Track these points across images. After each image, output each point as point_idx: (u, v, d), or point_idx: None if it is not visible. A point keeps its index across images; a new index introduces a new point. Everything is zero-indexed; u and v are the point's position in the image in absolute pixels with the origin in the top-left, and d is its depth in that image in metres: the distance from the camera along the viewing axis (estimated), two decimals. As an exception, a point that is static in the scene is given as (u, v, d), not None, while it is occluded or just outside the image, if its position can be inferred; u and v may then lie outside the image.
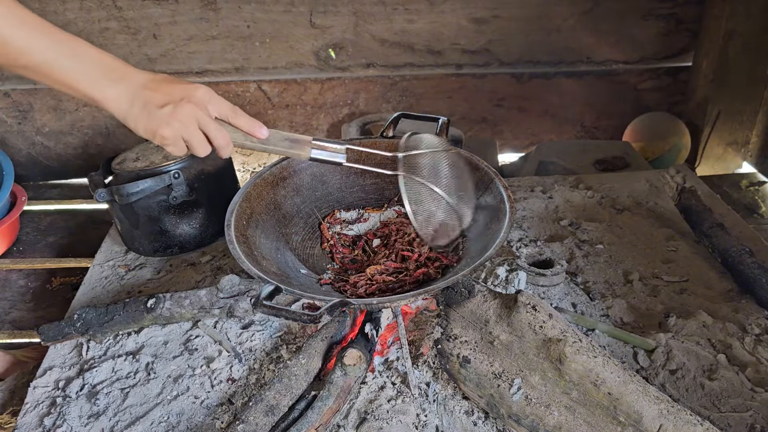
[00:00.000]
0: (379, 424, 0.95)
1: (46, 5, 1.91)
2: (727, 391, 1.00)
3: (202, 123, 0.90)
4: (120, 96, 0.86)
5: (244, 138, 0.95)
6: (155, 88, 0.87)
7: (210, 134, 0.91)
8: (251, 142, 0.96)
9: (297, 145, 0.99)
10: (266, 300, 0.91)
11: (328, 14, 1.99)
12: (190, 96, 0.88)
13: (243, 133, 0.95)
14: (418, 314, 1.16)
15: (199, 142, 0.91)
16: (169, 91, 0.88)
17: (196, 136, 0.90)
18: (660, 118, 2.17)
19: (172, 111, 0.87)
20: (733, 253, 1.25)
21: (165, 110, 0.87)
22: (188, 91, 0.89)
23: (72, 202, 2.00)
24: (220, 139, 0.92)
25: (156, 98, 0.87)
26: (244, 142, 0.95)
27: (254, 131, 0.95)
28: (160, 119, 0.87)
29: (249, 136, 0.95)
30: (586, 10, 2.00)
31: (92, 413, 1.03)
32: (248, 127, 0.95)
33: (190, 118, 0.88)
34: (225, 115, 0.93)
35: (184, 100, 0.88)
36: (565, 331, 0.92)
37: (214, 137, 0.91)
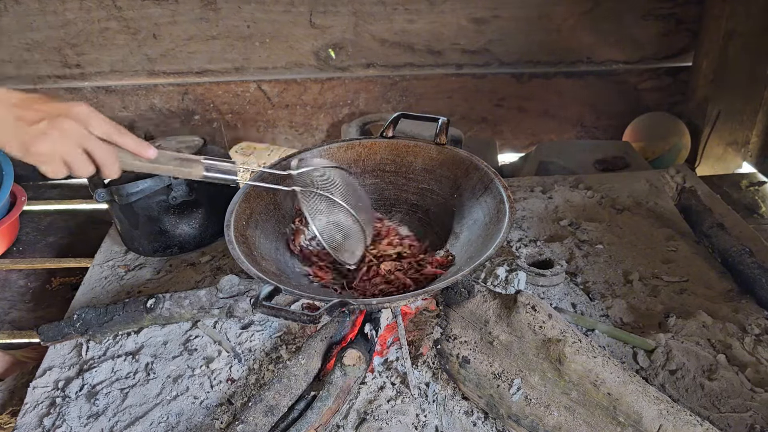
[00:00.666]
0: (378, 425, 0.95)
1: (46, 5, 1.91)
2: (726, 391, 1.00)
3: (83, 140, 0.84)
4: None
5: (131, 158, 0.91)
6: (28, 107, 0.82)
7: (93, 152, 0.85)
8: (140, 162, 0.92)
9: (187, 164, 0.97)
10: (266, 300, 0.91)
11: (328, 14, 1.99)
12: (68, 113, 0.82)
13: (130, 153, 0.91)
14: (417, 314, 1.16)
15: (80, 161, 0.84)
16: (44, 109, 0.82)
17: (76, 153, 0.84)
18: (660, 118, 2.17)
19: (49, 125, 0.81)
20: (733, 253, 1.25)
21: (40, 126, 0.81)
22: (66, 108, 0.83)
23: (72, 202, 2.00)
24: (104, 157, 0.86)
25: (29, 115, 0.81)
26: (132, 162, 0.92)
27: (141, 152, 0.91)
28: (35, 134, 0.81)
29: (136, 156, 0.91)
30: (586, 10, 2.00)
31: (92, 413, 1.03)
32: (135, 147, 0.90)
33: (69, 134, 0.82)
34: (108, 134, 0.87)
35: (61, 116, 0.82)
36: (565, 331, 0.92)
37: (97, 155, 0.85)
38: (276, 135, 2.25)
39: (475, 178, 1.20)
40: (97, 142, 0.85)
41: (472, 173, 1.21)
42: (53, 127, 0.81)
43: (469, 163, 1.23)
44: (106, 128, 0.87)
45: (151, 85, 2.11)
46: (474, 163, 1.22)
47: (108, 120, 0.88)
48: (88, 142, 0.85)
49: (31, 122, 0.81)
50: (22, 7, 1.90)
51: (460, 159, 1.25)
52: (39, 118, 0.81)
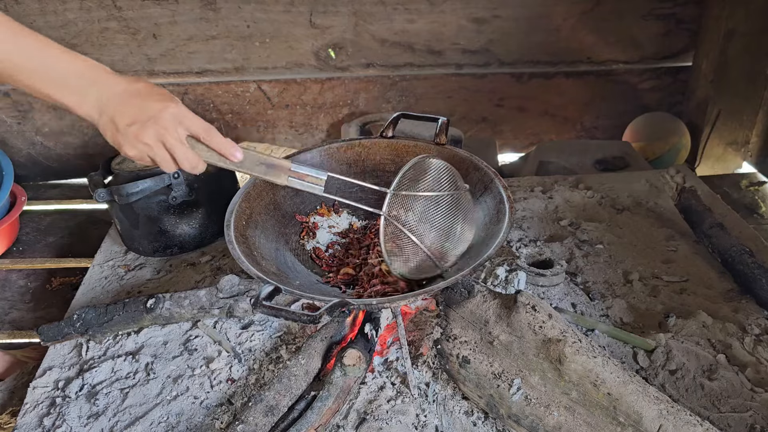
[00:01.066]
0: (378, 425, 0.95)
1: (46, 5, 1.91)
2: (726, 391, 1.00)
3: (169, 145, 0.87)
4: (90, 105, 0.84)
5: (218, 158, 0.93)
6: (126, 102, 0.85)
7: (177, 157, 0.89)
8: (225, 164, 0.94)
9: (273, 171, 0.96)
10: (266, 300, 0.91)
11: (328, 14, 1.99)
12: (158, 117, 0.85)
13: (217, 153, 0.93)
14: (417, 314, 1.16)
15: (164, 162, 0.89)
16: (139, 109, 0.85)
17: (161, 156, 0.88)
18: (660, 118, 2.17)
19: (137, 131, 0.84)
20: (733, 253, 1.25)
21: (131, 129, 0.84)
22: (158, 110, 0.86)
23: (72, 202, 2.00)
24: (185, 162, 0.90)
25: (124, 115, 0.84)
26: (218, 163, 0.93)
27: (228, 153, 0.93)
28: (125, 138, 0.85)
29: (222, 157, 0.93)
30: (586, 10, 2.00)
31: (92, 413, 1.03)
32: (222, 148, 0.92)
33: (155, 141, 0.86)
34: (198, 134, 0.90)
35: (152, 120, 0.85)
36: (565, 331, 0.92)
37: (179, 160, 0.89)
38: (276, 135, 2.25)
39: (475, 178, 1.20)
40: (182, 148, 0.89)
41: (472, 173, 1.21)
42: (141, 134, 0.85)
43: (469, 163, 1.23)
44: (197, 129, 0.90)
45: (151, 85, 2.11)
46: (474, 163, 1.22)
47: (197, 120, 0.90)
48: (174, 148, 0.88)
49: (125, 123, 0.84)
50: (22, 7, 1.90)
51: (460, 159, 1.25)
52: (132, 120, 0.84)
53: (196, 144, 0.92)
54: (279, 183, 0.97)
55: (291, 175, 0.97)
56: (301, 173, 0.98)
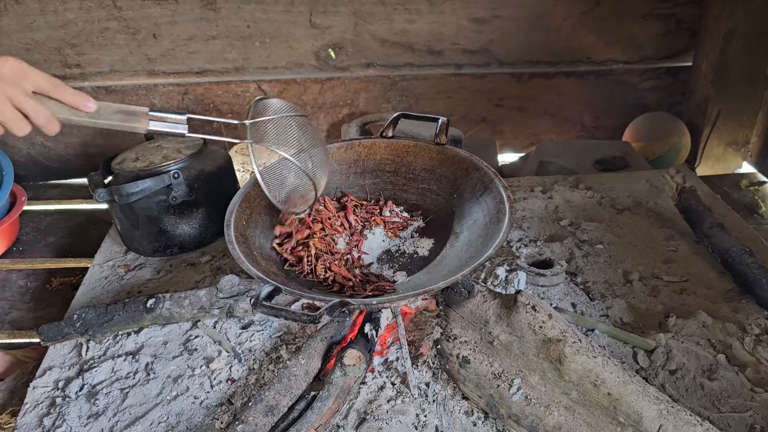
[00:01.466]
0: (378, 425, 0.95)
1: (46, 5, 1.91)
2: (726, 391, 1.00)
3: (15, 100, 0.83)
4: None
5: (69, 113, 0.89)
6: None
7: (27, 112, 0.85)
8: (79, 117, 0.90)
9: (132, 118, 0.93)
10: (266, 300, 0.91)
11: (328, 14, 1.99)
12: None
13: (68, 107, 0.89)
14: (417, 314, 1.16)
15: (13, 121, 0.84)
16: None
17: (8, 114, 0.83)
18: (660, 118, 2.17)
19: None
20: (733, 253, 1.25)
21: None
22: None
23: (72, 202, 2.00)
24: (38, 116, 0.85)
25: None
26: (70, 117, 0.89)
27: (80, 104, 0.89)
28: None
29: (75, 110, 0.89)
30: (586, 10, 2.00)
31: (92, 413, 1.03)
32: (73, 100, 0.88)
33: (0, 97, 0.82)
34: (44, 89, 0.86)
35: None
36: (565, 331, 0.92)
37: (30, 114, 0.85)
38: (276, 135, 2.25)
39: (475, 178, 1.20)
40: (31, 101, 0.84)
41: (472, 173, 1.21)
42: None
43: (469, 163, 1.23)
44: (39, 83, 0.86)
45: (151, 84, 2.11)
46: (474, 163, 1.22)
47: (41, 74, 0.86)
48: (22, 103, 0.84)
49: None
50: (22, 7, 1.90)
51: (460, 159, 1.25)
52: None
53: (44, 100, 0.88)
54: (140, 129, 0.94)
55: (151, 119, 0.95)
56: (160, 115, 0.95)
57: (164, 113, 0.95)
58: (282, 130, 1.04)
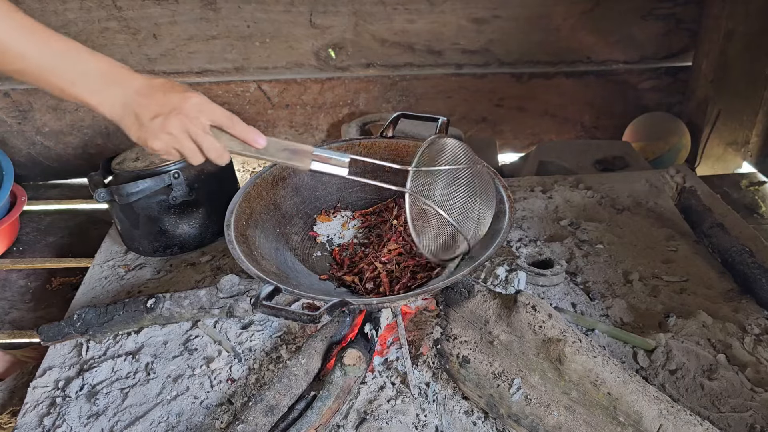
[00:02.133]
0: (378, 424, 0.95)
1: (46, 5, 1.91)
2: (726, 391, 1.00)
3: (194, 135, 0.89)
4: (113, 101, 0.86)
5: (241, 147, 0.94)
6: (148, 96, 0.86)
7: (202, 146, 0.90)
8: (249, 152, 0.94)
9: (296, 156, 0.96)
10: (266, 300, 0.91)
11: (328, 14, 1.99)
12: (181, 107, 0.87)
13: (240, 141, 0.93)
14: (417, 314, 1.16)
15: (191, 153, 0.90)
16: (162, 102, 0.87)
17: (187, 147, 0.89)
18: (660, 118, 2.17)
19: (162, 123, 0.86)
20: (733, 253, 1.25)
21: (155, 122, 0.86)
22: (181, 101, 0.87)
23: (72, 202, 2.00)
24: (212, 151, 0.91)
25: (147, 108, 0.86)
26: (242, 151, 0.94)
27: (251, 140, 0.94)
28: (150, 131, 0.86)
29: (247, 145, 0.94)
30: (586, 10, 2.00)
31: (92, 413, 1.03)
32: (245, 135, 0.93)
33: (180, 131, 0.87)
34: (220, 123, 0.92)
35: (175, 111, 0.86)
36: (565, 331, 0.92)
37: (206, 149, 0.91)
38: (276, 135, 2.25)
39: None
40: (207, 137, 0.90)
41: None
42: (166, 125, 0.86)
43: (469, 163, 1.22)
44: (219, 118, 0.91)
45: (151, 85, 2.11)
46: (474, 163, 1.22)
47: (219, 109, 0.91)
48: (198, 137, 0.89)
49: (150, 117, 0.86)
50: (22, 7, 1.87)
51: (460, 159, 1.24)
52: (155, 113, 0.86)
53: (219, 133, 0.92)
54: (303, 168, 0.97)
55: (314, 159, 0.97)
56: (323, 156, 0.98)
57: (328, 154, 0.98)
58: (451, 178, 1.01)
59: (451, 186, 1.03)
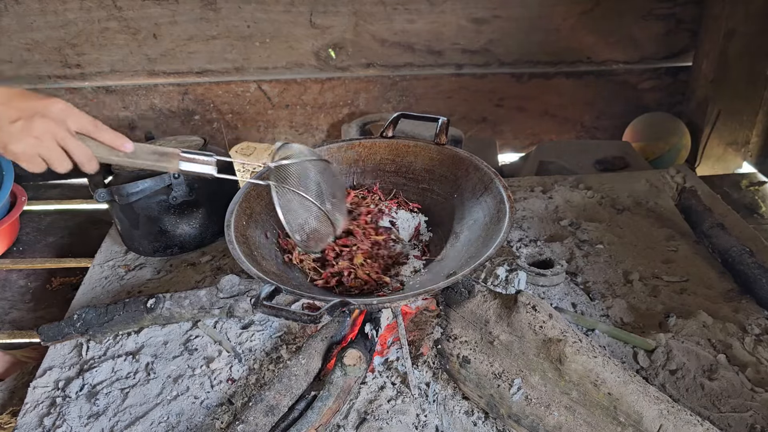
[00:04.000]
0: (378, 425, 0.95)
1: (46, 5, 1.91)
2: (727, 391, 1.00)
3: (59, 139, 0.87)
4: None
5: (108, 152, 0.93)
6: (6, 103, 0.85)
7: (69, 150, 0.88)
8: (117, 156, 0.94)
9: (165, 158, 0.98)
10: (266, 300, 0.91)
11: (328, 14, 1.99)
12: (45, 111, 0.85)
13: (107, 147, 0.93)
14: (417, 314, 1.16)
15: (57, 159, 0.88)
16: (22, 107, 0.85)
17: (53, 151, 0.87)
18: (660, 118, 2.17)
19: (24, 126, 0.84)
20: (733, 253, 1.25)
21: (16, 126, 0.84)
22: (44, 105, 0.86)
23: (72, 202, 2.00)
24: (79, 155, 0.89)
25: (6, 113, 0.84)
26: (110, 156, 0.94)
27: (118, 145, 0.93)
28: (11, 135, 0.84)
29: (114, 150, 0.93)
30: (586, 10, 2.00)
31: (92, 413, 1.03)
32: (112, 141, 0.92)
33: (44, 134, 0.85)
34: (86, 129, 0.90)
35: (38, 115, 0.85)
36: (565, 331, 0.92)
37: (73, 153, 0.89)
38: (276, 135, 2.25)
39: (475, 178, 1.20)
40: (73, 140, 0.88)
41: (472, 173, 1.21)
42: (29, 128, 0.84)
43: (469, 163, 1.23)
44: (84, 124, 0.90)
45: (151, 85, 2.11)
46: (474, 163, 1.22)
47: (84, 115, 0.90)
48: (65, 141, 0.87)
49: (9, 121, 0.84)
50: (22, 7, 1.90)
51: (460, 159, 1.25)
52: (16, 116, 0.84)
53: (85, 140, 0.91)
54: (171, 168, 0.98)
55: (182, 160, 0.98)
56: (190, 157, 0.99)
57: (194, 155, 1.00)
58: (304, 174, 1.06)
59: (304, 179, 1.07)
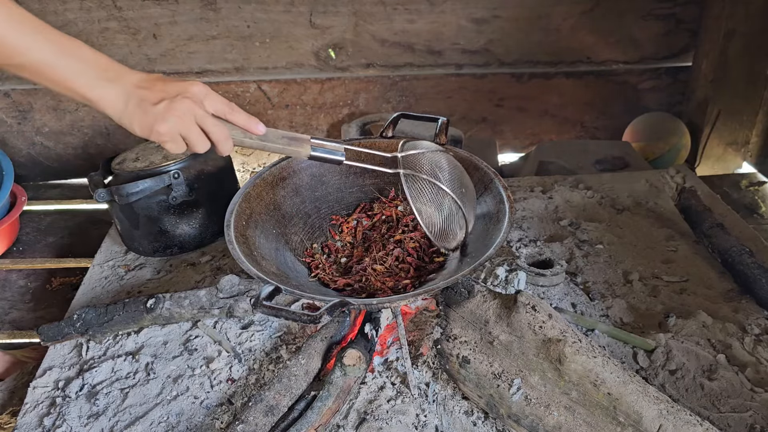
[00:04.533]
0: (378, 425, 0.95)
1: (46, 5, 1.91)
2: (726, 391, 1.00)
3: (199, 118, 0.89)
4: (115, 96, 0.86)
5: (242, 135, 0.95)
6: (150, 87, 0.87)
7: (207, 129, 0.90)
8: (249, 139, 0.95)
9: (295, 143, 0.98)
10: (266, 300, 0.91)
11: (328, 14, 1.99)
12: (185, 92, 0.88)
13: (240, 129, 0.94)
14: (417, 314, 1.16)
15: (197, 138, 0.90)
16: (164, 89, 0.88)
17: (193, 131, 0.89)
18: (660, 118, 2.17)
19: (168, 106, 0.86)
20: (733, 253, 1.25)
21: (160, 106, 0.86)
22: (183, 87, 0.88)
23: (72, 202, 2.00)
24: (218, 134, 0.91)
25: (151, 96, 0.86)
26: (243, 139, 0.95)
27: (251, 128, 0.94)
28: (156, 115, 0.86)
29: (247, 132, 0.95)
30: (586, 10, 2.00)
31: (92, 413, 1.03)
32: (245, 123, 0.94)
33: (187, 114, 0.87)
34: (221, 111, 0.92)
35: (180, 95, 0.87)
36: (565, 331, 0.92)
37: (211, 132, 0.91)
38: (276, 135, 2.25)
39: (475, 178, 1.20)
40: (212, 119, 0.90)
41: (472, 173, 1.21)
42: (172, 108, 0.86)
43: (469, 163, 1.23)
44: (219, 106, 0.92)
45: (151, 85, 2.11)
46: (474, 163, 1.22)
47: (220, 98, 0.93)
48: (204, 120, 0.89)
49: (152, 103, 0.86)
50: (22, 7, 1.90)
51: (460, 159, 1.24)
52: (159, 98, 0.86)
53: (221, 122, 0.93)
54: (303, 153, 0.99)
55: (313, 145, 1.00)
56: (320, 143, 1.00)
57: (324, 141, 1.01)
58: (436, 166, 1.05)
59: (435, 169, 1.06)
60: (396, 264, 1.18)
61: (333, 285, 1.17)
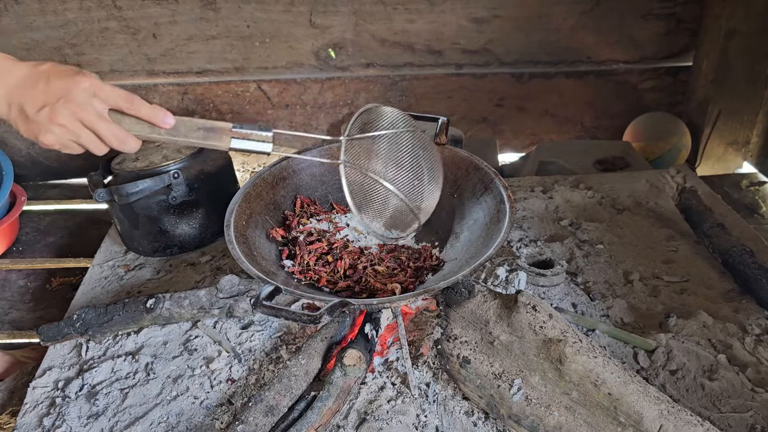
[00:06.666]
0: (378, 425, 0.95)
1: (46, 5, 1.91)
2: (727, 391, 1.00)
3: (87, 122, 0.81)
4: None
5: (149, 129, 0.85)
6: (32, 85, 0.79)
7: (99, 133, 0.82)
8: (157, 134, 0.85)
9: (213, 135, 0.87)
10: (266, 300, 0.91)
11: (328, 14, 1.99)
12: (68, 94, 0.79)
13: (147, 123, 0.85)
14: (418, 314, 1.16)
15: (89, 142, 0.82)
16: (47, 90, 0.79)
17: (83, 136, 0.81)
18: (660, 118, 2.17)
19: (50, 115, 0.78)
20: (734, 253, 1.25)
21: (42, 114, 0.78)
22: (68, 87, 0.79)
23: (72, 202, 2.00)
24: (111, 136, 0.82)
25: (32, 101, 0.78)
26: (150, 134, 0.85)
27: (157, 120, 0.85)
28: (39, 125, 0.79)
29: (154, 126, 0.85)
30: (586, 10, 2.00)
31: (92, 413, 1.03)
32: (149, 116, 0.85)
33: (71, 120, 0.79)
34: (120, 105, 0.83)
35: (62, 99, 0.78)
36: (565, 331, 0.92)
37: (104, 136, 0.82)
38: (276, 135, 2.25)
39: (475, 178, 1.20)
40: (99, 122, 0.82)
41: (473, 173, 1.21)
42: (55, 116, 0.78)
43: (469, 163, 1.23)
44: (116, 101, 0.83)
45: (151, 84, 2.11)
46: (474, 163, 1.22)
47: (116, 90, 0.83)
48: (93, 123, 0.81)
49: (35, 109, 0.78)
50: (22, 7, 1.90)
51: (460, 159, 1.25)
52: (41, 104, 0.78)
53: (122, 118, 0.84)
54: (221, 147, 0.88)
55: (234, 136, 0.88)
56: (244, 133, 0.88)
57: (248, 130, 0.88)
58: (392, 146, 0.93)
59: (390, 155, 0.96)
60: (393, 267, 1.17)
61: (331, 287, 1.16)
